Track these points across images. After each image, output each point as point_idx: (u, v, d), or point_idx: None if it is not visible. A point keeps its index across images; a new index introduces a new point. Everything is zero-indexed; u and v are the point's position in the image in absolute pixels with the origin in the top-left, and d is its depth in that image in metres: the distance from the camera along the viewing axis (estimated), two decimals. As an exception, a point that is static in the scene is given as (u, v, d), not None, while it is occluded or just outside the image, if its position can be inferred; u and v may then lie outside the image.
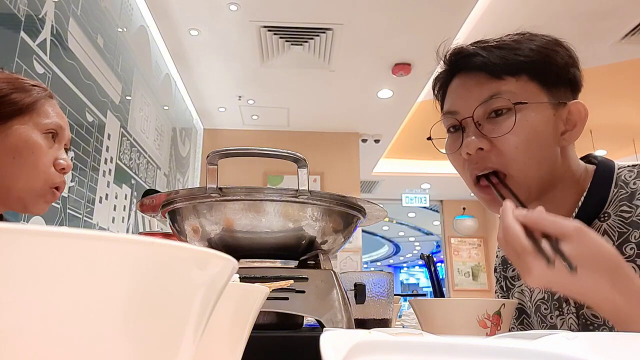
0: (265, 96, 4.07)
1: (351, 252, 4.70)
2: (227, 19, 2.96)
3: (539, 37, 0.72)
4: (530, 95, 0.69)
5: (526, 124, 0.68)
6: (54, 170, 0.88)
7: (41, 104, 0.87)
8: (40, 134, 0.86)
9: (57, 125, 0.89)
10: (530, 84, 0.70)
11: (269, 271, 0.58)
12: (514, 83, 0.69)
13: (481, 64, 0.71)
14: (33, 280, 0.11)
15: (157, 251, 0.14)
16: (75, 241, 0.12)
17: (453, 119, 0.74)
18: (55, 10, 1.80)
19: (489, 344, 0.24)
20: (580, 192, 0.72)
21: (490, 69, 0.70)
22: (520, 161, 0.68)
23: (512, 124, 0.67)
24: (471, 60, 0.72)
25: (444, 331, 0.60)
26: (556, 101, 0.70)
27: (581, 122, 0.71)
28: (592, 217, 0.71)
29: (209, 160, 0.57)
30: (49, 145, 0.87)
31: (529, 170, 0.69)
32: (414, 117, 4.62)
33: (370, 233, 10.58)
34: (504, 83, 0.69)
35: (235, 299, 0.29)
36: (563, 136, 0.71)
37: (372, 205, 0.64)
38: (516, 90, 0.69)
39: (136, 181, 2.75)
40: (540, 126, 0.68)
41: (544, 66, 0.70)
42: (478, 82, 0.71)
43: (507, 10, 2.86)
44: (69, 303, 0.12)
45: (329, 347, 0.21)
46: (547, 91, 0.70)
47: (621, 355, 0.28)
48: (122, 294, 0.13)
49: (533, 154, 0.68)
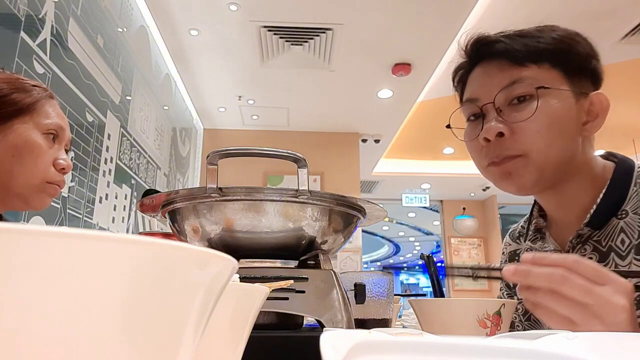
0: (265, 96, 4.07)
1: (351, 252, 4.70)
2: (227, 19, 2.96)
3: (561, 28, 0.72)
4: (552, 83, 0.69)
5: (549, 110, 0.67)
6: (54, 170, 0.88)
7: (42, 104, 0.87)
8: (40, 134, 0.86)
9: (57, 126, 0.89)
10: (552, 71, 0.69)
11: (269, 271, 0.58)
12: (536, 70, 0.69)
13: (503, 50, 0.70)
14: (33, 280, 0.11)
15: (157, 251, 0.14)
16: (75, 241, 0.12)
17: (474, 107, 0.74)
18: (55, 10, 1.80)
19: (489, 344, 0.23)
20: (597, 188, 0.71)
21: (512, 56, 0.70)
22: (541, 144, 0.68)
23: (534, 109, 0.67)
24: (493, 47, 0.72)
25: (444, 331, 0.60)
26: (578, 90, 0.70)
27: (603, 112, 0.70)
28: (610, 215, 0.70)
29: (209, 160, 0.57)
30: (49, 145, 0.87)
31: (549, 154, 0.68)
32: (414, 117, 4.62)
33: (370, 233, 10.59)
34: (526, 69, 0.69)
35: (235, 299, 0.29)
36: (585, 126, 0.70)
37: (372, 205, 0.64)
38: (538, 77, 0.68)
39: (136, 181, 2.75)
40: (562, 113, 0.68)
41: (566, 54, 0.70)
42: (500, 68, 0.71)
43: (507, 11, 2.86)
44: (68, 303, 0.12)
45: (329, 347, 0.21)
46: (569, 80, 0.69)
47: (621, 355, 0.28)
48: (122, 294, 0.13)
49: (555, 139, 0.68)
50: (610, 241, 0.69)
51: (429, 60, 3.45)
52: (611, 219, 0.70)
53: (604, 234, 0.70)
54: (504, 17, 2.88)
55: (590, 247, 0.72)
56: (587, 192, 0.72)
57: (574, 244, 0.73)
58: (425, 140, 5.36)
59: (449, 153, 5.70)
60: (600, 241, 0.71)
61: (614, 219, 0.69)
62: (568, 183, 0.72)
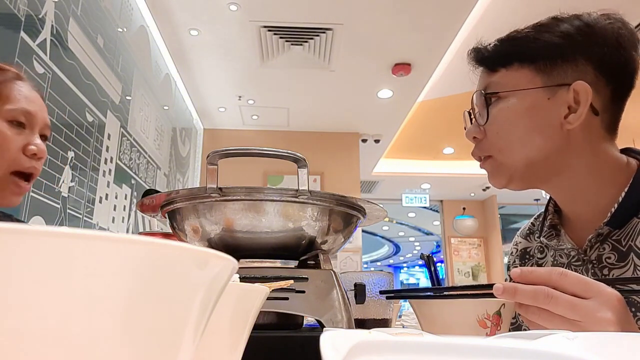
0: (265, 96, 4.07)
1: (351, 252, 4.70)
2: (227, 19, 2.96)
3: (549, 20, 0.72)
4: (520, 83, 0.70)
5: (505, 112, 0.71)
6: (24, 157, 0.80)
7: (5, 88, 0.79)
8: (3, 121, 0.78)
9: (23, 112, 0.80)
10: (522, 70, 0.71)
11: (269, 271, 0.58)
12: (503, 73, 0.73)
13: (481, 58, 0.76)
14: (33, 280, 0.11)
15: (157, 251, 0.14)
16: (75, 241, 0.12)
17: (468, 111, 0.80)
18: (55, 10, 1.80)
19: (489, 344, 0.23)
20: (618, 185, 0.69)
21: (487, 63, 0.75)
22: (502, 144, 0.73)
23: (493, 113, 0.73)
24: (477, 56, 0.77)
25: (444, 331, 0.60)
26: (555, 83, 0.68)
27: (584, 102, 0.67)
28: (632, 214, 0.68)
29: (209, 160, 0.57)
30: (16, 132, 0.80)
31: (513, 152, 0.72)
32: (414, 117, 4.62)
33: (370, 233, 10.59)
34: (495, 75, 0.74)
35: (235, 299, 0.29)
36: (567, 119, 0.68)
37: (372, 205, 0.64)
38: (503, 80, 0.72)
39: (136, 181, 2.75)
40: (522, 112, 0.70)
41: (535, 50, 0.70)
42: (481, 76, 0.77)
43: (506, 11, 2.86)
44: (68, 303, 0.12)
45: (329, 347, 0.21)
46: (542, 74, 0.69)
47: (621, 355, 0.28)
48: (122, 294, 0.13)
49: (518, 137, 0.71)
50: (630, 241, 0.67)
51: (429, 60, 3.45)
52: (632, 219, 0.68)
53: (623, 233, 0.68)
54: (504, 17, 2.88)
55: (609, 247, 0.70)
56: (604, 188, 0.70)
57: (593, 242, 0.71)
58: (425, 140, 5.36)
59: (449, 153, 5.70)
60: (620, 240, 0.69)
61: (635, 219, 0.67)
62: (569, 177, 0.71)
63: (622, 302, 0.49)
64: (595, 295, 0.49)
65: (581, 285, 0.49)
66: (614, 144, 0.73)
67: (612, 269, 0.69)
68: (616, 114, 0.72)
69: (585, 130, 0.70)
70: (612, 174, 0.70)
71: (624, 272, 0.68)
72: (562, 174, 0.71)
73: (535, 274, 0.51)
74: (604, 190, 0.70)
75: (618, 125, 0.73)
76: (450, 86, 3.93)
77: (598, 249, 0.71)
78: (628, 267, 0.67)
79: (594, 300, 0.48)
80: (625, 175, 0.70)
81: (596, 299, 0.49)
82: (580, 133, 0.69)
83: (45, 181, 1.73)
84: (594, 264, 0.72)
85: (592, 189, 0.71)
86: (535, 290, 0.50)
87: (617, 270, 0.68)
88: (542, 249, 0.84)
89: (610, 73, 0.69)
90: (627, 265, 0.68)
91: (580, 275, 0.51)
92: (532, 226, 0.90)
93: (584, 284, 0.49)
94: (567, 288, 0.49)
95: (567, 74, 0.68)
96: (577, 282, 0.50)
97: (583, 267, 0.73)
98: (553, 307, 0.49)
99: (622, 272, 0.68)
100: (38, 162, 0.84)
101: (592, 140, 0.70)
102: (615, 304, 0.49)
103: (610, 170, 0.71)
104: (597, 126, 0.71)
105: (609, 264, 0.70)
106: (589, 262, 0.72)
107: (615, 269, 0.69)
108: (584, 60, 0.68)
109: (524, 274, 0.52)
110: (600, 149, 0.71)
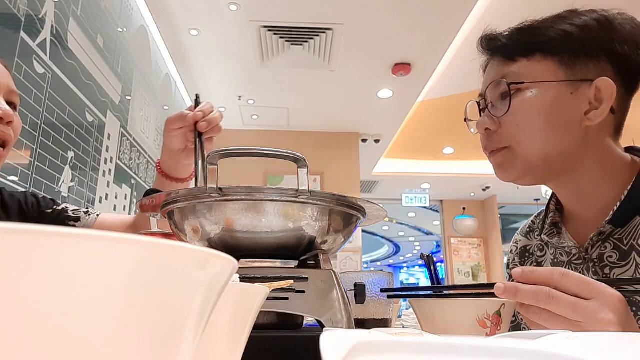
0: (265, 96, 4.07)
1: (351, 252, 4.70)
2: (227, 19, 2.96)
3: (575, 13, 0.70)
4: (543, 75, 0.68)
5: (527, 103, 0.69)
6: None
7: None
8: None
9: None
10: (544, 62, 0.68)
11: (269, 271, 0.58)
12: (524, 63, 0.70)
13: (498, 47, 0.73)
14: (33, 280, 0.11)
15: (157, 251, 0.14)
16: (75, 241, 0.12)
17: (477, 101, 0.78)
18: (55, 10, 1.80)
19: (489, 344, 0.23)
20: (620, 183, 0.69)
21: (504, 52, 0.72)
22: (522, 137, 0.70)
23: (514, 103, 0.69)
24: (492, 43, 0.74)
25: (444, 331, 0.60)
26: (578, 78, 0.67)
27: (607, 99, 0.66)
28: (634, 212, 0.67)
29: (209, 160, 0.57)
30: None
31: (532, 146, 0.69)
32: (414, 117, 4.62)
33: (370, 233, 10.59)
34: (514, 64, 0.71)
35: (235, 299, 0.29)
36: (587, 115, 0.67)
37: (372, 205, 0.64)
38: (525, 71, 0.69)
39: (136, 181, 2.75)
40: (546, 105, 0.68)
41: (562, 42, 0.68)
42: (496, 64, 0.74)
43: (506, 11, 2.86)
44: (68, 303, 0.12)
45: (329, 347, 0.21)
46: (565, 68, 0.68)
47: (621, 355, 0.28)
48: (122, 294, 0.13)
49: (538, 130, 0.68)
50: (632, 240, 0.67)
51: (429, 60, 3.45)
52: (634, 217, 0.67)
53: (625, 232, 0.68)
54: (504, 17, 2.87)
55: (610, 245, 0.70)
56: (608, 187, 0.70)
57: (594, 241, 0.71)
58: (425, 140, 5.36)
59: (449, 153, 5.70)
60: (622, 239, 0.69)
61: (637, 217, 0.67)
62: (579, 174, 0.71)
63: (624, 303, 0.49)
64: (596, 296, 0.49)
65: (582, 285, 0.49)
66: (619, 143, 0.73)
67: (614, 268, 0.69)
68: (625, 113, 0.72)
69: (600, 128, 0.69)
70: (618, 173, 0.70)
71: (625, 271, 0.68)
72: (575, 171, 0.71)
73: (537, 273, 0.51)
74: (609, 188, 0.70)
75: (624, 125, 0.73)
76: (450, 86, 3.93)
77: (599, 248, 0.71)
78: (629, 266, 0.67)
79: (596, 301, 0.48)
80: (629, 174, 0.70)
81: (597, 299, 0.48)
82: (596, 130, 0.69)
83: (45, 181, 1.73)
84: (595, 262, 0.71)
85: (600, 187, 0.71)
86: (536, 290, 0.50)
87: (618, 269, 0.68)
88: (542, 247, 0.84)
89: (627, 72, 0.69)
90: (628, 265, 0.67)
91: (581, 275, 0.51)
92: (532, 224, 0.90)
93: (585, 285, 0.49)
94: (568, 288, 0.49)
95: (589, 69, 0.68)
96: (578, 283, 0.49)
97: (584, 265, 0.73)
98: (554, 307, 0.49)
99: (623, 271, 0.68)
100: (7, 127, 0.80)
101: (604, 138, 0.70)
102: (616, 305, 0.48)
103: (617, 169, 0.70)
104: (610, 124, 0.70)
105: (610, 262, 0.69)
106: (590, 261, 0.72)
107: (617, 267, 0.69)
108: (605, 57, 0.68)
109: (525, 273, 0.52)
110: (610, 148, 0.71)
